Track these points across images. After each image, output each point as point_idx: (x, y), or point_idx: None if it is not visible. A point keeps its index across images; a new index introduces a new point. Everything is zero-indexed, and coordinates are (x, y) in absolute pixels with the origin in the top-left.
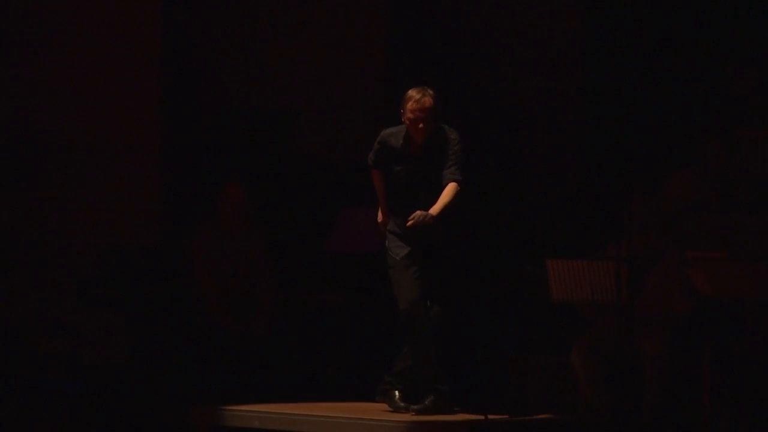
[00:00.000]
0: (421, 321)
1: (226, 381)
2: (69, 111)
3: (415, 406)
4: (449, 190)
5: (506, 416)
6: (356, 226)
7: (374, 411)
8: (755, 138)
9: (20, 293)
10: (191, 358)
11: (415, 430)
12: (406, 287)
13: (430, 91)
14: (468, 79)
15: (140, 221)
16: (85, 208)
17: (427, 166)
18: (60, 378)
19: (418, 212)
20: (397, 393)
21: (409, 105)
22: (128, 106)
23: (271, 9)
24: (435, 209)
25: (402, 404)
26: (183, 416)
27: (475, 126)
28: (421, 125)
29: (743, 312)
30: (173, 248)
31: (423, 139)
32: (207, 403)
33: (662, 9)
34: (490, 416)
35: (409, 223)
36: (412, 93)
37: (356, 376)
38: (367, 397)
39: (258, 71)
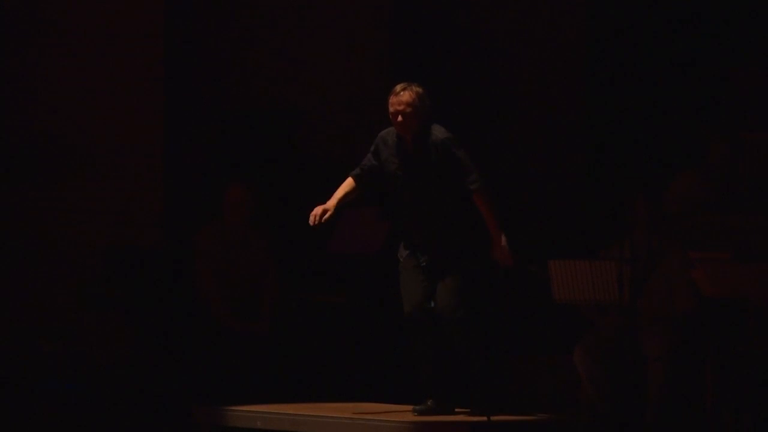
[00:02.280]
0: (423, 324)
1: (228, 381)
2: (72, 112)
3: (417, 407)
4: (484, 205)
5: (508, 417)
6: (358, 228)
7: (376, 411)
8: (758, 139)
9: (22, 294)
10: (194, 358)
11: (417, 431)
12: (409, 290)
13: (417, 88)
14: (470, 78)
15: (144, 222)
16: (88, 209)
17: (420, 166)
18: (61, 379)
19: (498, 257)
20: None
21: (390, 98)
22: (132, 107)
23: (274, 9)
24: (496, 234)
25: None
26: (185, 416)
27: (478, 125)
28: (400, 119)
29: (746, 312)
30: (176, 249)
31: (410, 136)
32: (209, 403)
33: (665, 8)
34: (493, 417)
35: (504, 265)
36: (396, 87)
37: (358, 377)
38: (368, 397)
39: (261, 72)
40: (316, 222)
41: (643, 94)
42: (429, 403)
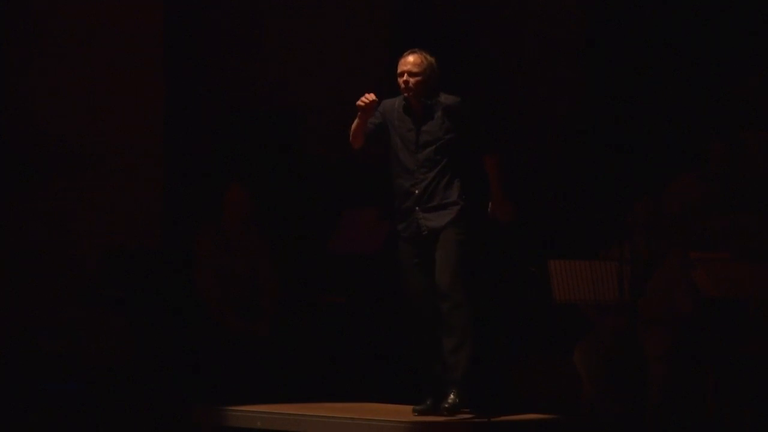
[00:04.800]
0: (426, 319)
1: (228, 381)
2: (72, 113)
3: (417, 407)
4: (493, 164)
5: (508, 417)
6: (358, 228)
7: (376, 411)
8: (757, 139)
9: (23, 294)
10: (194, 358)
11: (417, 431)
12: (409, 285)
13: (426, 54)
14: (471, 79)
15: (144, 223)
16: (88, 210)
17: (429, 130)
18: (61, 379)
19: (498, 210)
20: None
21: (399, 61)
22: (131, 108)
23: (274, 10)
24: (500, 190)
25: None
26: (185, 416)
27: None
28: (405, 78)
29: (746, 312)
30: (176, 250)
31: (417, 102)
32: (209, 403)
33: (665, 11)
34: (493, 417)
35: (503, 219)
36: (406, 51)
37: (358, 377)
38: (368, 397)
39: (261, 73)
40: (366, 103)
41: (643, 96)
42: (429, 403)
